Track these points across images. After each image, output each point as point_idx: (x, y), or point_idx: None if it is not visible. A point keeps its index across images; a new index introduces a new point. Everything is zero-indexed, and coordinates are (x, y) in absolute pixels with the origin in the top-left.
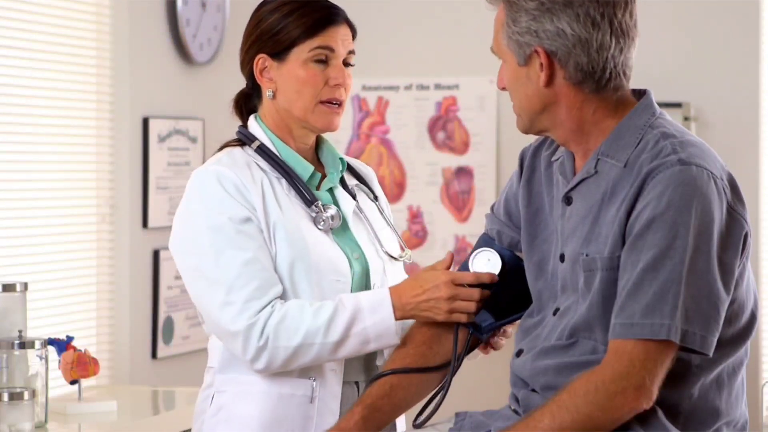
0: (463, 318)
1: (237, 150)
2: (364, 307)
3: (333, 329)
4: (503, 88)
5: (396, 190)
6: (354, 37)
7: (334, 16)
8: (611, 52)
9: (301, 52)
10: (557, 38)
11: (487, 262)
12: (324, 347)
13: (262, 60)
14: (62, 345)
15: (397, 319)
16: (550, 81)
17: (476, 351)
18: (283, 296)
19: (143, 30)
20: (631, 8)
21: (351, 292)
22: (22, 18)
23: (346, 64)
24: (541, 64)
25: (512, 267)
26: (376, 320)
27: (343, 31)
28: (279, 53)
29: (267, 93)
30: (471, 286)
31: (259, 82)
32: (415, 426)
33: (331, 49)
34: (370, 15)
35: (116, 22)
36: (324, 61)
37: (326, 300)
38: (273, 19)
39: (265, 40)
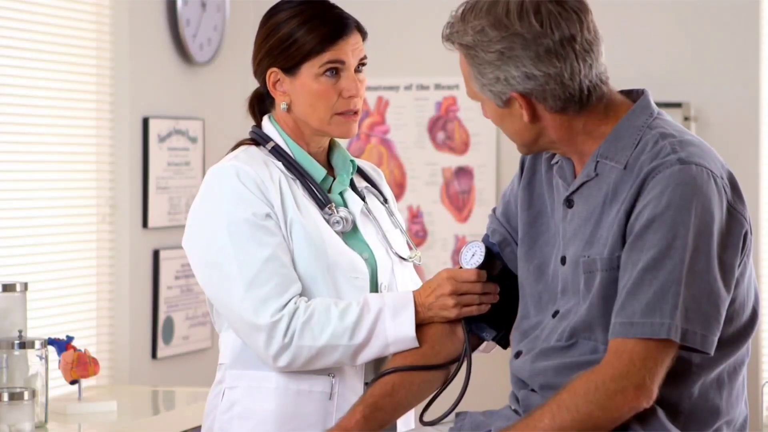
0: (474, 311)
1: (253, 148)
2: (387, 307)
3: (358, 332)
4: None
5: (396, 190)
6: (364, 39)
7: (343, 28)
8: (582, 73)
9: (313, 66)
10: (528, 81)
11: (472, 256)
12: (347, 349)
13: (274, 74)
14: (62, 345)
15: (418, 320)
16: (533, 117)
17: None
18: (301, 294)
19: (143, 30)
20: (587, 23)
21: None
22: (22, 18)
23: (357, 70)
24: (521, 105)
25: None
26: (396, 322)
27: (353, 40)
28: (290, 68)
29: (281, 105)
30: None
31: (272, 94)
32: (425, 423)
33: (342, 62)
34: (370, 15)
35: (116, 22)
36: (336, 73)
37: (344, 298)
38: (282, 33)
39: (276, 54)
